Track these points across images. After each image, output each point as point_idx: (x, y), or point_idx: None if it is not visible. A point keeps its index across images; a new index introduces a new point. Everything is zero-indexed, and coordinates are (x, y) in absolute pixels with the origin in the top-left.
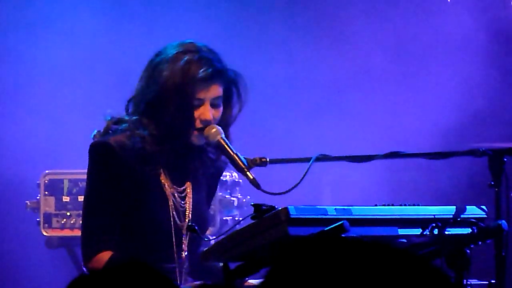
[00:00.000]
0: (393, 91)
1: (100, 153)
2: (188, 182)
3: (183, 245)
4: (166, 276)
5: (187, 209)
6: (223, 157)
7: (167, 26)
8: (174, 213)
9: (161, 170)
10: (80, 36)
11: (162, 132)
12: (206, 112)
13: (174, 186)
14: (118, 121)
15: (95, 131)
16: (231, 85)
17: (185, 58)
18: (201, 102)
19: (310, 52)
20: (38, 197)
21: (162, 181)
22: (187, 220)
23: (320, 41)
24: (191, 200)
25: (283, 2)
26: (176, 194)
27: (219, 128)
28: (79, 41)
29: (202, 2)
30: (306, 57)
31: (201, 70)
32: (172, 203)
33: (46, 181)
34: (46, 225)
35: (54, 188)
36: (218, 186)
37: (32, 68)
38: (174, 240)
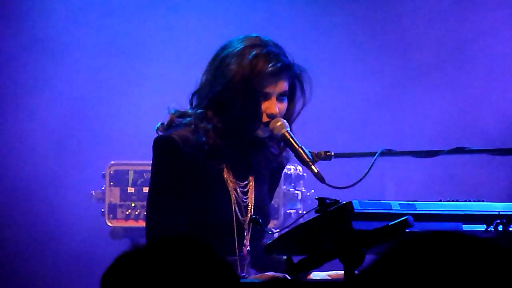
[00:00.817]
0: (457, 87)
1: (164, 148)
2: (251, 177)
3: (244, 240)
4: (216, 253)
5: (249, 204)
6: (285, 152)
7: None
8: (236, 208)
9: (224, 165)
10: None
11: (228, 125)
12: (272, 106)
13: (237, 181)
14: (182, 115)
15: (159, 124)
16: (296, 81)
17: (253, 52)
18: (268, 96)
19: (373, 47)
20: (103, 188)
21: (225, 176)
22: (249, 215)
23: (382, 38)
24: (254, 195)
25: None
26: (238, 189)
27: (285, 121)
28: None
29: None
30: (370, 51)
31: (270, 64)
32: (234, 198)
33: (111, 172)
34: (111, 215)
35: (119, 179)
36: (281, 180)
37: (98, 57)
38: (236, 234)
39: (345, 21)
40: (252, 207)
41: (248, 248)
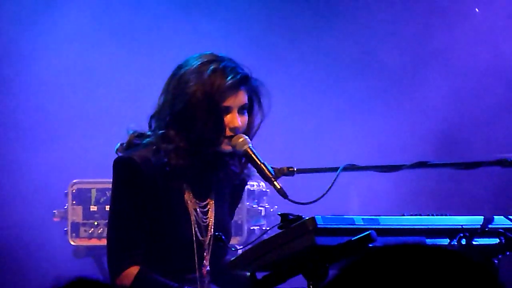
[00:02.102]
0: (418, 99)
1: (124, 168)
2: (211, 197)
3: (204, 260)
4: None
5: (209, 223)
6: (246, 169)
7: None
8: (196, 228)
9: (184, 186)
10: (108, 48)
11: (192, 142)
12: (234, 120)
13: (197, 201)
14: (140, 135)
15: (118, 145)
16: (253, 94)
17: (211, 67)
18: (229, 110)
19: (335, 60)
20: (65, 207)
21: (185, 196)
22: (209, 235)
23: (344, 52)
24: (214, 214)
25: (307, 15)
26: (198, 209)
27: (247, 137)
28: (107, 52)
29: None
30: (330, 65)
31: (229, 77)
32: (194, 218)
33: (73, 191)
34: (74, 234)
35: (81, 197)
36: (244, 196)
37: (59, 79)
38: (196, 254)
39: (309, 34)
40: (212, 227)
41: (208, 268)
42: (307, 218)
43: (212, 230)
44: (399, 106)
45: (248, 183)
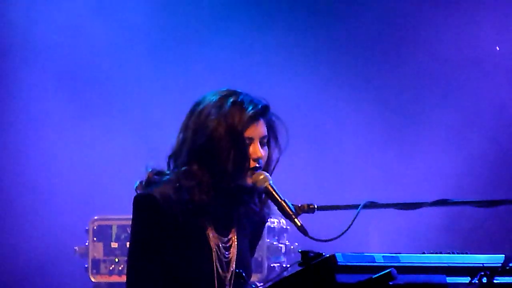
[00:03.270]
0: (445, 137)
1: (144, 205)
2: (233, 231)
3: None
4: None
5: (231, 259)
6: (266, 207)
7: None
8: (217, 263)
9: (207, 222)
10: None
11: (216, 176)
12: (257, 150)
13: (219, 236)
14: (159, 173)
15: (137, 183)
16: (270, 128)
17: (231, 100)
18: (251, 141)
19: (355, 100)
20: (86, 243)
21: (207, 232)
22: (230, 270)
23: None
24: (236, 250)
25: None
26: (220, 245)
27: (267, 174)
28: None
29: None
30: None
31: (250, 108)
32: (215, 254)
33: (94, 227)
34: (95, 271)
35: (102, 234)
36: (264, 233)
37: (77, 114)
38: None
39: (332, 66)
40: (234, 262)
41: None
42: (327, 255)
43: (233, 265)
44: (420, 143)
45: (268, 220)
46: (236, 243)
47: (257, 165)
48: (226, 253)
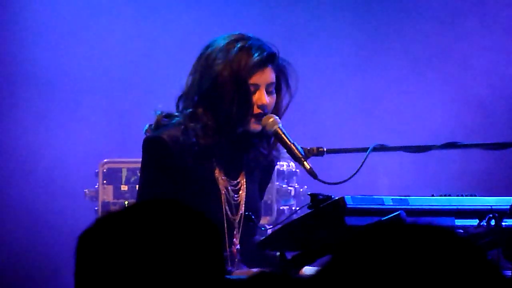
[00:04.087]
0: (447, 81)
1: (154, 148)
2: (242, 175)
3: (234, 239)
4: (199, 212)
5: (240, 202)
6: (275, 151)
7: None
8: (226, 206)
9: (215, 164)
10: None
11: (220, 121)
12: (262, 97)
13: (228, 179)
14: (168, 116)
15: (147, 126)
16: (281, 74)
17: (238, 45)
18: (257, 87)
19: (364, 42)
20: (96, 186)
21: (216, 174)
22: (240, 213)
23: (374, 33)
24: (245, 193)
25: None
26: (229, 188)
27: (276, 117)
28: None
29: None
30: (360, 45)
31: (256, 54)
32: (224, 197)
33: (104, 170)
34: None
35: (112, 177)
36: (274, 176)
37: (86, 59)
38: (226, 232)
39: (339, 14)
40: (243, 205)
41: (238, 246)
42: (336, 198)
43: (242, 208)
44: (429, 85)
45: (278, 163)
46: (245, 186)
47: (262, 111)
48: (235, 196)
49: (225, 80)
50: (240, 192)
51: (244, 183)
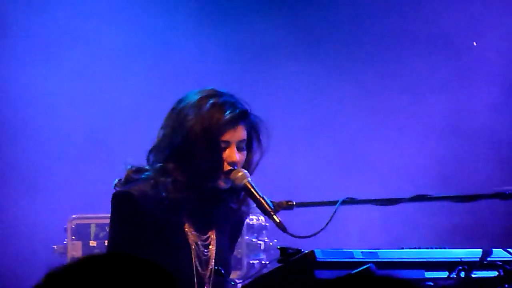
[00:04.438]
0: (418, 133)
1: (123, 203)
2: (212, 230)
3: None
4: (151, 262)
5: (210, 257)
6: (245, 206)
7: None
8: (196, 261)
9: (185, 219)
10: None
11: (190, 176)
12: (232, 154)
13: (198, 234)
14: (139, 170)
15: (116, 180)
16: (252, 130)
17: (211, 101)
18: (228, 145)
19: (330, 96)
20: (65, 242)
21: (186, 229)
22: (210, 268)
23: (342, 87)
24: (215, 247)
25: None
26: (199, 242)
27: (246, 171)
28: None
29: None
30: (327, 101)
31: (228, 111)
32: (195, 252)
33: (73, 226)
34: None
35: (81, 232)
36: (244, 230)
37: (58, 111)
38: None
39: (304, 63)
40: (213, 260)
41: None
42: (306, 251)
43: (212, 263)
44: (397, 138)
45: (247, 217)
46: (215, 241)
47: (232, 168)
48: (205, 250)
49: (196, 136)
50: (210, 247)
51: (214, 237)
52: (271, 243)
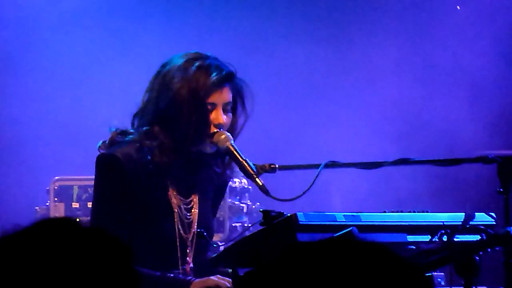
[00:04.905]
0: (402, 98)
1: (107, 165)
2: (195, 194)
3: (187, 257)
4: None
5: (193, 220)
6: (229, 170)
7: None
8: (179, 225)
9: (169, 182)
10: (91, 48)
11: (176, 139)
12: (219, 116)
13: (181, 198)
14: (123, 133)
15: (100, 142)
16: (237, 94)
17: (196, 64)
18: (214, 107)
19: (316, 61)
20: (47, 203)
21: (169, 193)
22: (192, 231)
23: (328, 50)
24: (197, 211)
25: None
26: (182, 206)
27: (229, 134)
28: (90, 51)
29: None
30: (312, 66)
31: (214, 73)
32: (177, 215)
33: (55, 187)
34: None
35: (63, 194)
36: (226, 193)
37: (41, 74)
38: (179, 250)
39: (291, 37)
40: (196, 223)
41: (191, 265)
42: (289, 214)
43: (195, 227)
44: (384, 100)
45: (230, 180)
46: (197, 204)
47: (218, 130)
48: (188, 214)
49: (182, 99)
50: (193, 211)
51: (197, 201)
52: (253, 206)
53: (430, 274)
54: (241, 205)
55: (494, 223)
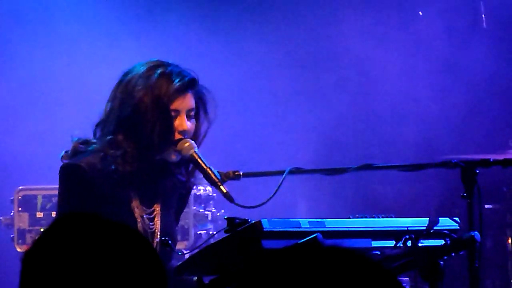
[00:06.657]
0: (368, 104)
1: (71, 175)
2: (157, 203)
3: None
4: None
5: (155, 230)
6: (192, 177)
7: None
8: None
9: (132, 193)
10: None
11: (141, 147)
12: (183, 123)
13: (144, 208)
14: (85, 142)
15: (63, 152)
16: (199, 100)
17: (158, 71)
18: (178, 113)
19: (278, 63)
20: (12, 213)
21: (132, 203)
22: (156, 241)
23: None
24: (160, 221)
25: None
26: (145, 216)
27: (193, 142)
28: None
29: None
30: (275, 69)
31: (177, 80)
32: (140, 225)
33: (19, 197)
34: (20, 241)
35: (27, 204)
36: (191, 201)
37: (3, 84)
38: None
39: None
40: (158, 233)
41: None
42: (253, 221)
43: (158, 236)
44: (346, 109)
45: (194, 187)
46: (160, 214)
47: (182, 138)
48: (151, 224)
49: (146, 106)
50: (155, 220)
51: (159, 210)
52: (218, 214)
53: None
54: (206, 212)
55: (458, 227)
